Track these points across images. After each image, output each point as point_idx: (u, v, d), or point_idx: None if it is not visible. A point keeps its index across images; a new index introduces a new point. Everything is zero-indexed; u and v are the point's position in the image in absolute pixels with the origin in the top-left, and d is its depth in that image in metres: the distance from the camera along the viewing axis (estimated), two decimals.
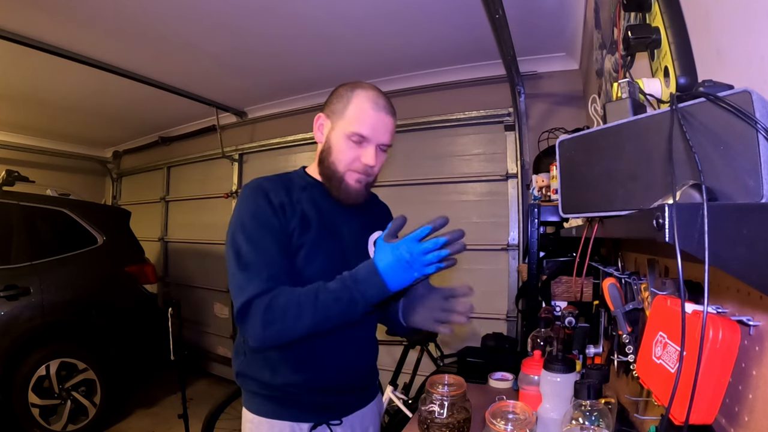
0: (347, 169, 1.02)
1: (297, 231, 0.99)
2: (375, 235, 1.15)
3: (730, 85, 0.48)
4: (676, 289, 0.67)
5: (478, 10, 2.21)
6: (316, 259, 1.00)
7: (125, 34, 2.70)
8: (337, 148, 1.02)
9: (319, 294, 0.87)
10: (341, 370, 1.06)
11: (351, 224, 1.11)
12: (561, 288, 1.86)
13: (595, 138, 0.65)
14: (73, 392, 2.90)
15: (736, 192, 0.43)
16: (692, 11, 0.73)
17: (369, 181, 1.06)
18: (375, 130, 1.00)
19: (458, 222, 3.22)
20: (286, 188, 1.03)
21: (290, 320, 0.86)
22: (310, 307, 0.86)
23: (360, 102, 1.01)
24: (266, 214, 0.97)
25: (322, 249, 1.01)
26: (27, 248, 2.84)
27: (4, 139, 4.67)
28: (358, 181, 1.03)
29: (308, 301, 0.86)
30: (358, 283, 0.85)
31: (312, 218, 1.02)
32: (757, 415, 0.53)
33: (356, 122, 1.00)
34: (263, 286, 0.89)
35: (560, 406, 0.93)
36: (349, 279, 0.87)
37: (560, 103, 2.99)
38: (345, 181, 1.03)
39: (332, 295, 0.86)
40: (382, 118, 1.01)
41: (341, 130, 1.01)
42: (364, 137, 1.00)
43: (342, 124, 1.01)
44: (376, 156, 1.02)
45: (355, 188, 1.04)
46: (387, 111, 1.02)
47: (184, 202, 4.99)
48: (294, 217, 1.00)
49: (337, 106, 1.03)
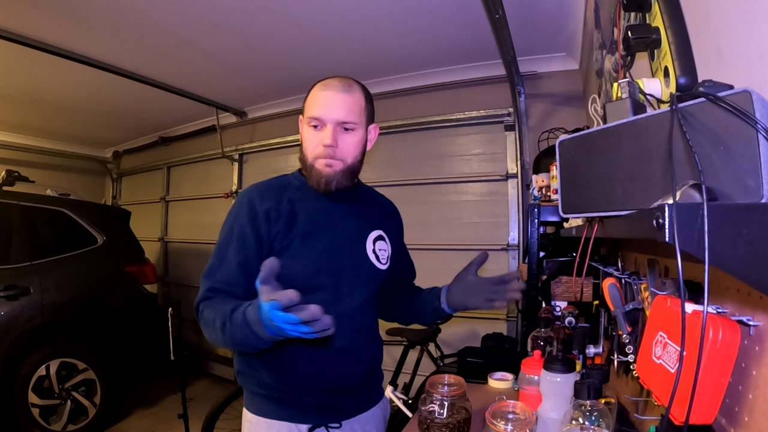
0: (314, 157, 1.04)
1: (281, 233, 1.01)
2: (374, 233, 1.15)
3: (730, 85, 0.48)
4: (676, 289, 0.67)
5: (478, 10, 2.21)
6: (300, 257, 1.01)
7: (125, 34, 2.71)
8: (304, 139, 1.06)
9: (226, 324, 0.87)
10: (340, 370, 1.06)
11: (348, 221, 1.10)
12: (561, 288, 1.86)
13: (595, 138, 0.65)
14: (73, 392, 2.90)
15: (736, 192, 0.43)
16: (692, 11, 0.73)
17: (343, 166, 1.05)
18: (326, 109, 1.01)
19: (458, 222, 3.26)
20: (277, 192, 1.06)
21: (213, 334, 0.92)
22: (221, 332, 0.88)
23: (314, 90, 1.06)
24: (241, 224, 1.01)
25: (307, 246, 1.02)
26: (27, 248, 2.84)
27: (4, 139, 4.67)
28: (327, 165, 1.03)
29: (220, 326, 0.88)
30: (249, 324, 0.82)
31: (300, 217, 1.04)
32: (757, 415, 0.53)
33: (310, 107, 1.04)
34: (205, 294, 0.98)
35: (560, 406, 0.93)
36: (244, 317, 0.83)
37: (560, 103, 2.99)
38: (315, 168, 1.04)
39: (234, 328, 0.86)
40: (331, 96, 1.03)
41: (304, 120, 1.06)
42: (318, 118, 1.02)
43: (304, 116, 1.06)
44: (337, 136, 1.02)
45: (325, 173, 1.03)
46: (337, 89, 1.03)
47: (184, 202, 4.99)
48: (279, 220, 1.02)
49: (304, 104, 1.08)
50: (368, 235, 1.14)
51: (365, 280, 1.12)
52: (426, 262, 3.42)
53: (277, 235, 1.01)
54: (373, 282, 1.14)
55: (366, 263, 1.12)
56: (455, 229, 3.28)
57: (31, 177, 3.48)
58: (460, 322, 3.08)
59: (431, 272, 3.33)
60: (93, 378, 2.99)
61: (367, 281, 1.12)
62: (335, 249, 1.06)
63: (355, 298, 1.09)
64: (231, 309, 0.88)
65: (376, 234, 1.16)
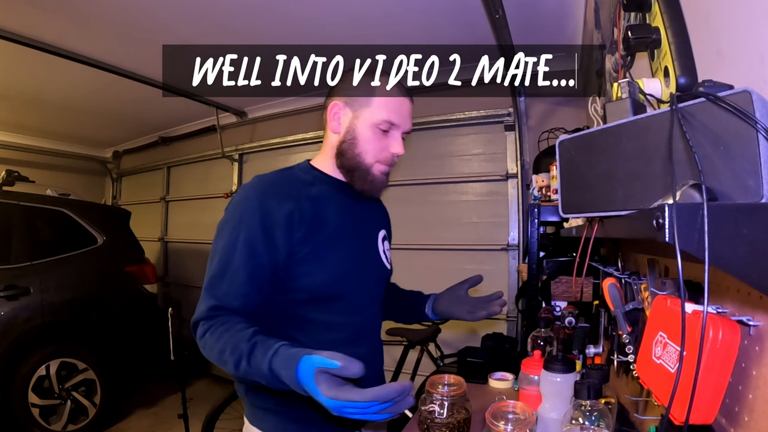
0: (375, 161, 0.97)
1: (305, 238, 0.91)
2: (382, 233, 1.12)
3: (730, 85, 0.48)
4: (676, 289, 0.67)
5: (478, 10, 2.21)
6: (327, 264, 0.93)
7: (125, 34, 2.70)
8: (363, 138, 0.96)
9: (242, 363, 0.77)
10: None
11: (364, 221, 1.06)
12: (561, 288, 1.86)
13: (595, 138, 0.65)
14: (73, 392, 2.90)
15: (736, 192, 0.43)
16: (692, 11, 0.73)
17: (390, 171, 1.02)
18: (403, 116, 0.97)
19: (458, 222, 3.26)
20: (293, 191, 0.94)
21: (218, 363, 0.82)
22: (234, 368, 0.78)
23: (385, 88, 0.96)
24: (249, 228, 0.88)
25: (333, 252, 0.94)
26: (27, 248, 2.84)
27: (4, 139, 4.67)
28: (383, 172, 0.99)
29: (233, 362, 0.78)
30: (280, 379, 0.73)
31: (324, 219, 0.95)
32: (757, 415, 0.53)
33: (385, 110, 0.95)
34: (207, 313, 0.85)
35: (560, 406, 0.93)
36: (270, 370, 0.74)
37: (560, 103, 2.99)
38: (372, 173, 0.97)
39: (252, 371, 0.76)
40: (407, 103, 0.98)
41: (367, 118, 0.95)
42: (394, 124, 0.96)
43: (368, 112, 0.95)
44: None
45: (380, 180, 0.99)
46: (409, 95, 1.00)
47: (184, 202, 4.99)
48: (303, 225, 0.91)
49: (358, 93, 0.97)
50: (378, 234, 1.11)
51: (380, 283, 1.09)
52: (426, 262, 3.44)
53: (299, 241, 0.90)
54: (384, 284, 1.12)
55: (379, 265, 1.08)
56: (455, 229, 3.28)
57: (31, 177, 3.48)
58: (460, 322, 3.07)
59: (431, 272, 3.36)
60: (93, 378, 2.99)
61: (380, 284, 1.09)
62: (358, 253, 1.01)
63: (371, 303, 1.06)
64: (249, 348, 0.76)
65: (383, 233, 1.13)
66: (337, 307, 0.96)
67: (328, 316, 0.95)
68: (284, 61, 3.15)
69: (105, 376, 3.05)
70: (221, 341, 0.80)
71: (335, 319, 0.96)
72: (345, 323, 0.97)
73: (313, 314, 0.94)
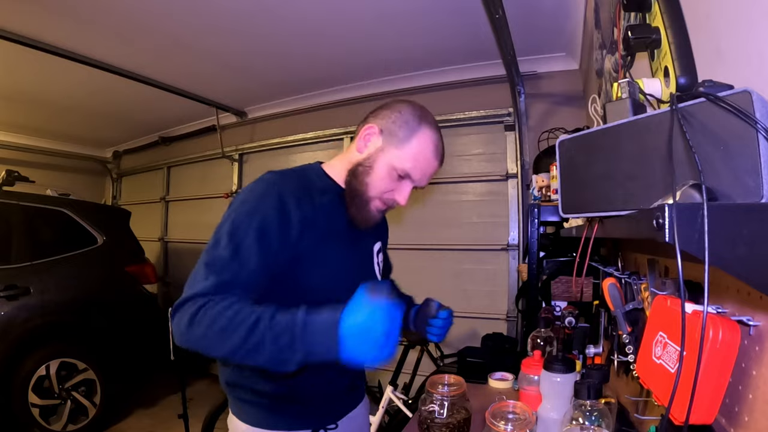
0: (377, 197, 0.98)
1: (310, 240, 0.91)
2: (377, 245, 1.13)
3: (730, 85, 0.48)
4: (676, 289, 0.67)
5: (478, 10, 2.21)
6: (324, 268, 0.94)
7: (125, 34, 2.71)
8: (377, 173, 0.96)
9: (260, 323, 0.72)
10: (342, 376, 1.03)
11: (362, 235, 1.07)
12: (561, 288, 1.86)
13: (595, 138, 0.65)
14: (73, 392, 2.89)
15: (736, 192, 0.43)
16: (692, 11, 0.73)
17: (386, 210, 1.04)
18: (424, 175, 0.98)
19: (458, 222, 3.26)
20: (309, 195, 0.94)
21: (214, 335, 0.73)
22: (241, 333, 0.72)
23: (424, 142, 0.96)
24: (266, 218, 0.85)
25: (331, 258, 0.96)
26: (27, 248, 2.84)
27: (4, 139, 4.67)
28: (379, 210, 1.00)
29: (243, 325, 0.72)
30: (306, 333, 0.71)
31: (330, 227, 0.96)
32: (757, 415, 0.53)
33: (411, 161, 0.95)
34: (211, 289, 0.78)
35: (560, 406, 0.93)
36: (300, 321, 0.72)
37: (560, 103, 2.99)
38: (369, 206, 0.98)
39: (272, 330, 0.72)
40: (434, 165, 0.99)
41: (391, 158, 0.95)
42: (411, 178, 0.97)
43: (395, 154, 0.95)
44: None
45: (374, 215, 1.00)
46: (441, 158, 1.00)
47: (184, 202, 4.99)
48: (313, 229, 0.91)
49: (397, 131, 0.96)
50: (374, 248, 1.12)
51: None
52: (426, 262, 3.44)
53: (306, 242, 0.91)
54: None
55: (372, 276, 1.10)
56: (455, 229, 3.28)
57: (31, 177, 3.48)
58: (461, 322, 3.08)
59: (431, 272, 3.36)
60: (93, 378, 2.99)
61: None
62: (354, 263, 1.04)
63: None
64: (269, 311, 0.74)
65: (378, 246, 1.15)
66: None
67: None
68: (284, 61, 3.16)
69: (105, 376, 3.05)
70: (233, 308, 0.74)
71: None
72: None
73: None
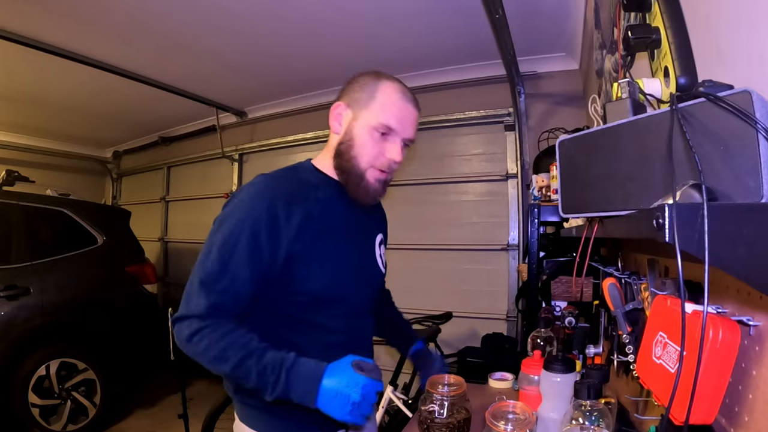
0: (369, 166, 0.94)
1: (309, 241, 0.90)
2: (379, 237, 1.12)
3: (730, 85, 0.48)
4: (676, 289, 0.67)
5: (478, 10, 2.21)
6: (327, 268, 0.93)
7: (126, 35, 2.71)
8: (360, 141, 0.94)
9: (249, 359, 0.78)
10: None
11: (363, 226, 1.05)
12: (561, 288, 1.86)
13: (595, 138, 0.65)
14: (73, 392, 2.89)
15: (736, 192, 0.43)
16: (692, 11, 0.73)
17: (388, 179, 0.99)
18: (403, 123, 0.94)
19: (458, 222, 3.26)
20: (301, 193, 0.92)
21: (212, 356, 0.80)
22: (230, 364, 0.79)
23: (388, 92, 0.94)
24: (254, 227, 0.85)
25: (334, 257, 0.94)
26: (27, 248, 2.84)
27: (4, 139, 4.67)
28: (378, 179, 0.96)
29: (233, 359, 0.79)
30: (290, 378, 0.77)
31: (330, 224, 0.94)
32: (757, 415, 0.53)
33: (384, 113, 0.93)
34: (205, 311, 0.82)
35: (560, 406, 0.93)
36: (286, 365, 0.77)
37: (560, 103, 2.99)
38: (366, 178, 0.95)
39: (258, 368, 0.77)
40: (410, 110, 0.96)
41: (366, 121, 0.94)
42: (392, 129, 0.93)
43: (366, 115, 0.94)
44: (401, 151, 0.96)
45: (374, 187, 0.96)
46: (414, 103, 0.98)
47: (184, 202, 4.99)
48: (309, 229, 0.89)
49: (360, 96, 0.95)
50: (376, 239, 1.10)
51: (376, 287, 1.09)
52: (426, 262, 3.44)
53: (305, 245, 0.89)
54: (379, 288, 1.12)
55: (377, 270, 1.08)
56: (455, 229, 3.28)
57: (31, 177, 3.48)
58: (461, 322, 3.08)
59: (431, 272, 3.36)
60: (93, 378, 2.99)
61: (376, 289, 1.10)
62: (359, 258, 1.01)
63: (367, 307, 1.06)
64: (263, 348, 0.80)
65: (380, 238, 1.13)
66: (335, 311, 0.96)
67: (325, 319, 0.95)
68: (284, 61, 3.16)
69: (105, 376, 3.05)
70: (226, 338, 0.80)
71: (332, 323, 0.96)
72: (341, 327, 0.98)
73: (311, 317, 0.94)
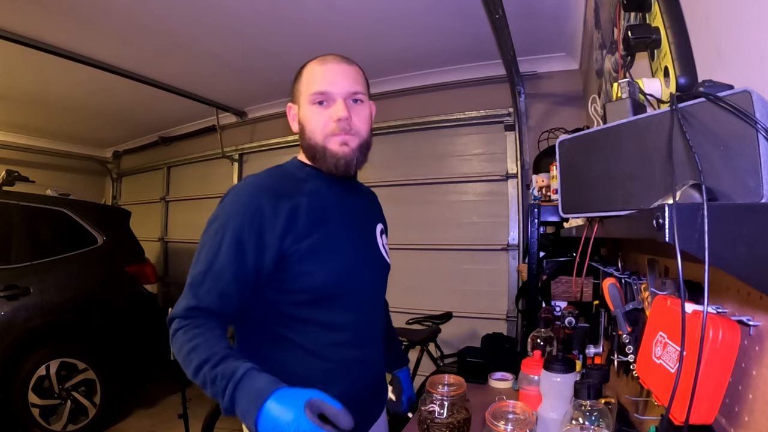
0: (325, 136, 0.93)
1: (302, 238, 0.88)
2: (379, 226, 1.10)
3: (730, 85, 0.48)
4: (676, 289, 0.67)
5: (478, 10, 2.21)
6: (326, 264, 0.90)
7: (125, 34, 2.71)
8: (307, 120, 0.95)
9: (204, 366, 0.77)
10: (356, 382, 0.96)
11: (360, 215, 1.03)
12: (561, 288, 1.86)
13: (595, 138, 0.65)
14: (73, 392, 2.89)
15: (736, 192, 0.43)
16: (692, 11, 0.73)
17: (359, 141, 0.95)
18: (331, 82, 0.93)
19: (458, 222, 3.26)
20: (288, 187, 0.92)
21: (181, 359, 0.81)
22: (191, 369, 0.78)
23: (309, 68, 0.98)
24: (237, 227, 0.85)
25: (332, 251, 0.91)
26: (27, 248, 2.84)
27: (4, 139, 4.67)
28: (343, 143, 0.93)
29: (193, 363, 0.78)
30: (236, 394, 0.73)
31: (321, 215, 0.92)
32: (757, 415, 0.53)
33: (310, 84, 0.94)
34: (185, 312, 0.83)
35: (560, 406, 0.93)
36: (235, 378, 0.74)
37: (560, 103, 2.99)
38: (328, 148, 0.93)
39: (211, 375, 0.76)
40: (334, 68, 0.95)
41: (303, 102, 0.96)
42: (324, 92, 0.93)
43: (302, 98, 0.96)
44: (349, 108, 0.93)
45: (343, 152, 0.93)
46: (338, 61, 0.97)
47: (184, 202, 4.99)
48: (301, 221, 0.88)
49: (295, 87, 1.00)
50: (376, 228, 1.08)
51: (381, 278, 1.06)
52: (426, 262, 3.44)
53: (297, 239, 0.87)
54: (385, 280, 1.09)
55: (380, 259, 1.05)
56: (455, 229, 3.28)
57: (31, 177, 3.47)
58: (461, 322, 3.08)
59: (431, 272, 3.36)
60: (93, 378, 2.99)
61: (381, 280, 1.07)
62: (358, 250, 0.97)
63: (374, 301, 1.03)
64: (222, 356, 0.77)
65: (381, 227, 1.11)
66: (339, 307, 0.93)
67: (329, 316, 0.92)
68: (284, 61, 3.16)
69: (105, 376, 3.05)
70: (194, 341, 0.79)
71: (337, 320, 0.93)
72: (347, 324, 0.94)
73: (314, 315, 0.91)
